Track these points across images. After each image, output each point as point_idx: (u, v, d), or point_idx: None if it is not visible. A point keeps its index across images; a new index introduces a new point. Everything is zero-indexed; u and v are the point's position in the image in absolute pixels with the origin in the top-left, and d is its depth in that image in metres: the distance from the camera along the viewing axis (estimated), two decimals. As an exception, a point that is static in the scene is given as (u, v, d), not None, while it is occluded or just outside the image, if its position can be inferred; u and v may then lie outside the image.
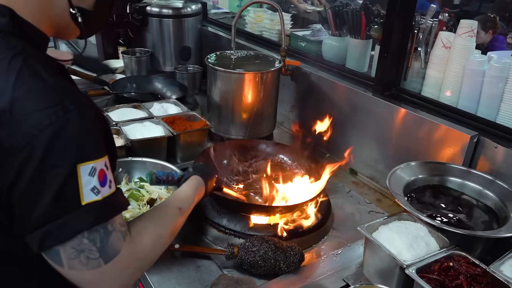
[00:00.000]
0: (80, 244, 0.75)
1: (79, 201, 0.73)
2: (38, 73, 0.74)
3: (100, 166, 0.76)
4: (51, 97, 0.73)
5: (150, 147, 1.72)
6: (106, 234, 0.77)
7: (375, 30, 2.04)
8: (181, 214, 1.03)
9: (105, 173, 0.78)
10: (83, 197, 0.74)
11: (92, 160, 0.75)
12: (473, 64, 1.59)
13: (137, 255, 0.85)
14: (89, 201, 0.74)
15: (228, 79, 1.95)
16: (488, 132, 1.49)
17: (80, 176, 0.73)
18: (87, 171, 0.74)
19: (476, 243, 1.22)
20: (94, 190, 0.75)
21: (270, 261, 1.26)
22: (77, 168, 0.73)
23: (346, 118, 1.93)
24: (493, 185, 1.38)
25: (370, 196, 1.77)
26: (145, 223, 0.91)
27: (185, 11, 2.74)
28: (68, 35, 0.96)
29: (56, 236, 0.73)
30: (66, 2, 0.88)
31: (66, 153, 0.72)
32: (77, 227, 0.74)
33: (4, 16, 0.78)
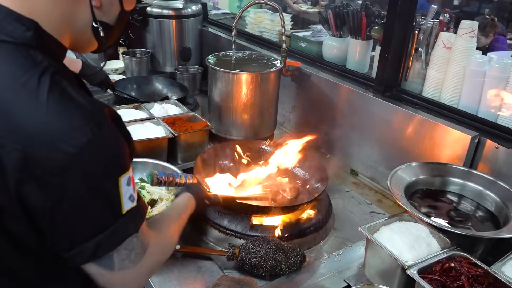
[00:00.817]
0: (130, 243, 0.80)
1: (120, 210, 0.78)
2: (66, 91, 0.74)
3: (131, 173, 0.81)
4: (84, 115, 0.73)
5: (150, 148, 1.72)
6: (143, 231, 0.84)
7: (376, 30, 2.03)
8: (182, 220, 1.10)
9: (133, 180, 0.82)
10: (124, 206, 0.78)
11: (127, 171, 0.79)
12: (473, 65, 1.59)
13: (160, 249, 0.92)
14: (129, 208, 0.79)
15: (229, 80, 1.95)
16: (489, 133, 1.49)
17: (121, 187, 0.77)
18: (125, 181, 0.78)
19: (477, 243, 1.21)
20: (131, 198, 0.80)
21: (271, 262, 1.26)
22: (119, 180, 0.76)
23: (346, 118, 1.93)
24: (494, 185, 1.38)
25: (371, 197, 1.77)
26: (159, 223, 0.98)
27: (185, 11, 2.75)
28: (85, 49, 0.95)
29: (108, 244, 0.77)
30: (90, 16, 0.86)
31: (109, 168, 0.76)
32: (126, 233, 0.79)
33: (30, 29, 0.76)
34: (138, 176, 1.59)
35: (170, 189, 1.56)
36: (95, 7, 0.86)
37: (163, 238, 0.96)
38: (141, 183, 1.56)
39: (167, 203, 1.49)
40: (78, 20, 0.86)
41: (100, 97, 2.45)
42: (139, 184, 1.56)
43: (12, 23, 0.75)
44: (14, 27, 0.75)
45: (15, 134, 0.69)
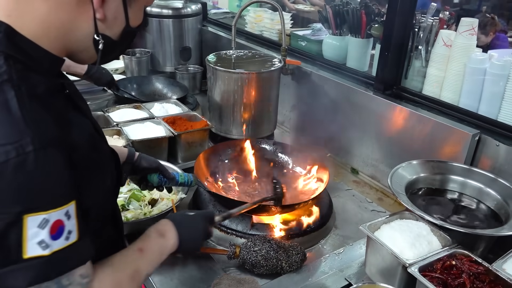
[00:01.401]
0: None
1: (20, 255, 0.65)
2: (7, 103, 0.66)
3: (55, 217, 0.67)
4: (14, 132, 0.65)
5: (151, 148, 1.72)
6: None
7: (376, 29, 2.03)
8: (142, 254, 0.92)
9: (62, 224, 0.68)
10: (26, 251, 0.65)
11: (44, 211, 0.66)
12: (474, 62, 1.58)
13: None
14: (33, 255, 0.66)
15: (229, 79, 1.94)
16: (490, 130, 1.48)
17: (26, 228, 0.64)
18: (36, 222, 0.65)
19: (478, 241, 1.21)
20: (41, 244, 0.66)
21: (272, 261, 1.26)
22: (23, 218, 0.64)
23: (347, 117, 1.93)
24: (495, 183, 1.38)
25: (372, 195, 1.77)
26: (103, 269, 0.82)
27: (185, 11, 2.74)
28: (83, 60, 0.89)
29: None
30: (92, 28, 0.81)
31: (12, 199, 0.64)
32: (10, 283, 0.65)
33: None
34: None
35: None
36: (99, 20, 0.81)
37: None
38: None
39: (167, 202, 1.49)
40: (79, 29, 0.81)
41: (101, 97, 2.46)
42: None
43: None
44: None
45: None
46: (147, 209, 1.45)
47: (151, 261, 0.94)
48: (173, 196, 1.51)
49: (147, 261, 0.93)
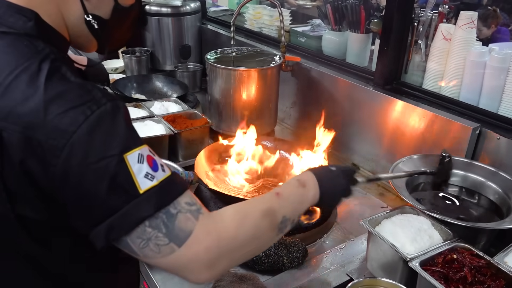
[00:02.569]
0: (144, 232, 0.72)
1: (136, 190, 0.71)
2: (65, 76, 0.74)
3: (145, 152, 0.75)
4: (82, 94, 0.73)
5: (151, 146, 1.68)
6: (171, 217, 0.73)
7: (375, 23, 2.03)
8: (278, 196, 0.90)
9: (153, 158, 0.76)
10: (139, 185, 0.71)
11: (136, 148, 0.73)
12: (474, 56, 1.58)
13: (217, 234, 0.76)
14: (147, 187, 0.72)
15: (229, 76, 1.94)
16: (490, 124, 1.48)
17: (130, 165, 0.71)
18: (135, 158, 0.72)
19: (479, 235, 1.21)
20: (148, 176, 0.73)
21: (273, 257, 1.26)
22: (124, 157, 0.71)
23: (347, 112, 1.93)
24: (496, 176, 1.37)
25: (373, 190, 1.77)
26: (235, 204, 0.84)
27: (184, 9, 2.74)
28: (86, 47, 0.94)
29: (121, 228, 0.72)
30: (81, 9, 0.87)
31: (110, 144, 0.71)
32: (139, 215, 0.72)
33: (30, 20, 0.78)
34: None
35: None
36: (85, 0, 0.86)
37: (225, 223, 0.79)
38: None
39: None
40: (71, 14, 0.86)
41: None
42: None
43: (14, 15, 0.78)
44: (16, 19, 0.77)
45: (15, 117, 0.70)
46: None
47: (289, 205, 0.91)
48: None
49: (285, 204, 0.90)
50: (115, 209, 0.71)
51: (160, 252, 0.73)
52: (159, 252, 0.73)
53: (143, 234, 0.72)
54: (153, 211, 0.72)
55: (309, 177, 0.99)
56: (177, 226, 0.74)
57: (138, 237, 0.72)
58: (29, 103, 0.70)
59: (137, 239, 0.72)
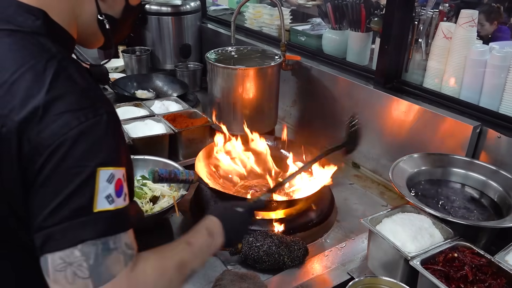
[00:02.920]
0: (71, 256, 0.68)
1: (91, 207, 0.69)
2: (71, 76, 0.75)
3: (118, 175, 0.73)
4: (83, 99, 0.73)
5: (152, 145, 1.72)
6: (105, 251, 0.70)
7: (375, 22, 2.02)
8: (190, 247, 0.91)
9: (122, 183, 0.74)
10: (96, 204, 0.70)
11: (112, 166, 0.72)
12: (474, 54, 1.57)
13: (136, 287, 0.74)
14: (101, 209, 0.70)
15: (229, 75, 1.94)
16: (491, 122, 1.48)
17: (99, 181, 0.70)
18: (106, 176, 0.71)
19: (480, 233, 1.21)
20: (108, 198, 0.71)
21: (274, 256, 1.26)
22: (97, 171, 0.70)
23: (347, 111, 1.92)
24: (497, 175, 1.37)
25: (373, 189, 1.77)
26: (149, 254, 0.80)
27: (184, 8, 2.74)
28: (92, 43, 0.96)
29: (57, 242, 0.68)
30: (95, 9, 0.88)
31: (90, 154, 0.71)
32: (79, 235, 0.68)
33: (39, 18, 0.79)
34: (140, 173, 1.59)
35: (172, 186, 1.56)
36: (100, 0, 0.88)
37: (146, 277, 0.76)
38: (142, 180, 1.56)
39: (169, 199, 1.49)
40: (84, 13, 0.88)
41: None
42: (141, 181, 1.56)
43: (23, 14, 0.79)
44: (25, 18, 0.78)
45: (15, 112, 0.70)
46: (149, 206, 1.45)
47: (198, 256, 0.92)
48: (175, 193, 1.51)
49: (195, 255, 0.91)
50: (61, 220, 0.68)
51: (72, 283, 0.68)
52: (72, 283, 0.68)
53: (68, 257, 0.68)
54: (94, 236, 0.69)
55: (216, 225, 1.01)
56: (106, 264, 0.70)
57: (61, 258, 0.68)
58: (30, 101, 0.71)
59: (59, 260, 0.68)
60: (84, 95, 0.74)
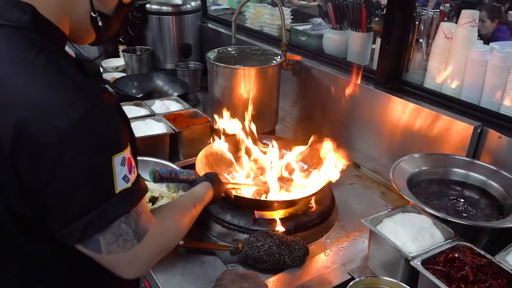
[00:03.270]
0: (118, 228, 0.79)
1: (114, 190, 0.77)
2: (62, 69, 0.76)
3: (127, 155, 0.80)
4: (78, 92, 0.75)
5: (152, 145, 1.72)
6: (138, 216, 0.83)
7: (376, 22, 2.02)
8: (195, 209, 1.09)
9: (131, 161, 0.81)
10: (117, 186, 0.78)
11: (122, 151, 0.78)
12: (475, 55, 1.57)
13: (162, 236, 0.91)
14: (122, 188, 0.79)
15: (229, 75, 1.94)
16: (492, 123, 1.48)
17: (115, 167, 0.77)
18: (119, 161, 0.77)
19: (481, 233, 1.21)
20: (125, 179, 0.79)
21: (274, 256, 1.26)
22: (112, 159, 0.76)
23: (348, 111, 1.92)
24: (498, 175, 1.37)
25: (374, 189, 1.77)
26: (166, 211, 0.99)
27: (184, 8, 2.74)
28: (83, 39, 0.97)
29: (98, 224, 0.77)
30: (88, 6, 0.89)
31: (101, 146, 0.76)
32: (117, 212, 0.78)
33: (26, 13, 0.80)
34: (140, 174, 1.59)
35: (170, 187, 1.56)
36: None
37: (167, 226, 0.94)
38: None
39: (167, 200, 1.49)
40: (77, 9, 0.88)
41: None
42: None
43: (11, 8, 0.79)
44: (12, 12, 0.79)
45: (10, 109, 0.72)
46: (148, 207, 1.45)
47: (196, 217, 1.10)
48: (173, 194, 1.51)
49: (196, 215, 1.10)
50: (95, 206, 0.76)
51: (124, 247, 0.81)
52: (123, 247, 0.81)
53: (117, 230, 0.79)
54: (129, 209, 0.80)
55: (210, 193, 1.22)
56: (141, 223, 0.84)
57: (111, 233, 0.79)
58: (24, 97, 0.72)
59: (110, 235, 0.79)
60: (78, 87, 0.76)
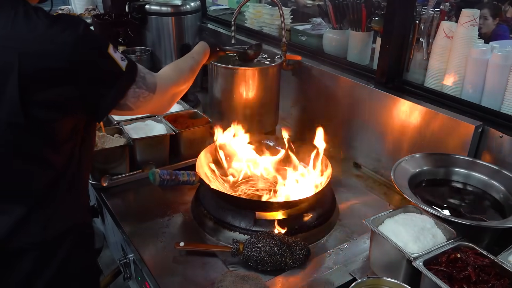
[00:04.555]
0: (135, 92, 1.13)
1: (121, 69, 1.07)
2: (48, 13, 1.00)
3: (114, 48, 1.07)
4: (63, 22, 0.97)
5: (152, 146, 1.72)
6: (143, 79, 1.16)
7: (376, 22, 2.02)
8: (194, 60, 1.52)
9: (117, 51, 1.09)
10: (121, 66, 1.07)
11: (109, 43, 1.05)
12: (476, 54, 1.57)
13: (167, 81, 1.28)
14: (125, 66, 1.08)
15: (229, 76, 1.94)
16: (493, 122, 1.47)
17: (112, 53, 1.04)
18: (112, 49, 1.05)
19: (483, 233, 1.21)
20: (122, 59, 1.08)
21: (276, 257, 1.25)
22: (108, 50, 1.04)
23: (348, 111, 1.92)
24: (499, 175, 1.37)
25: (375, 189, 1.76)
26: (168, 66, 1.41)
27: (184, 8, 2.73)
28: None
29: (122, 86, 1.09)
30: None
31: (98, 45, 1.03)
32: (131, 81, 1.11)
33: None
34: None
35: None
36: None
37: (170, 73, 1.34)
38: None
39: None
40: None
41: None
42: None
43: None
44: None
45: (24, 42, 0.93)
46: None
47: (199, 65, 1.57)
48: None
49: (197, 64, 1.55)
50: (118, 73, 1.07)
51: (145, 100, 1.17)
52: (145, 101, 1.17)
53: (134, 93, 1.13)
54: (135, 77, 1.12)
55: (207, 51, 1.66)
56: (148, 81, 1.18)
57: (132, 97, 1.13)
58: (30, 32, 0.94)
59: (132, 98, 1.13)
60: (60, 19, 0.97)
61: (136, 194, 1.66)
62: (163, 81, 1.24)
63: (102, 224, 1.86)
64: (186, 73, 1.41)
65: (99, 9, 4.20)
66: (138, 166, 1.70)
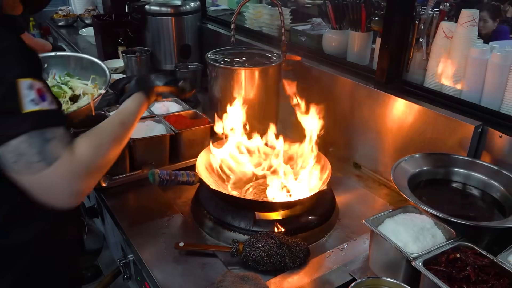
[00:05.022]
0: (18, 148, 0.86)
1: (19, 110, 0.86)
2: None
3: (38, 85, 0.89)
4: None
5: (152, 146, 1.72)
6: (46, 141, 0.88)
7: (376, 22, 2.02)
8: (123, 127, 1.16)
9: (43, 92, 0.90)
10: (24, 106, 0.86)
11: (29, 78, 0.88)
12: (475, 54, 1.57)
13: (77, 162, 0.93)
14: (29, 110, 0.87)
15: (229, 76, 1.94)
16: (493, 122, 1.47)
17: (20, 88, 0.86)
18: (26, 85, 0.87)
19: (483, 233, 1.21)
20: (33, 102, 0.87)
21: (275, 257, 1.25)
22: (17, 81, 0.86)
23: (348, 111, 1.92)
24: (499, 175, 1.37)
25: (375, 189, 1.76)
26: (84, 136, 1.01)
27: (184, 8, 2.73)
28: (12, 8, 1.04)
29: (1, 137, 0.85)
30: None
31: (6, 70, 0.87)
32: (18, 130, 0.86)
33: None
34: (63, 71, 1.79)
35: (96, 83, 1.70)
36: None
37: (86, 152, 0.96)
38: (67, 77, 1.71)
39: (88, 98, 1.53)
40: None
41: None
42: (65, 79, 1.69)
43: None
44: None
45: None
46: (67, 105, 1.49)
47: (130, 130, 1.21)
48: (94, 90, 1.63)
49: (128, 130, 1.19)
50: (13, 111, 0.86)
51: (30, 168, 0.87)
52: (30, 168, 0.87)
53: (16, 149, 0.86)
54: (30, 128, 0.87)
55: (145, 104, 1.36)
56: (50, 149, 0.88)
57: (11, 152, 0.86)
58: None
59: (10, 154, 0.86)
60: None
61: (136, 194, 1.66)
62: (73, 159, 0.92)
63: (102, 224, 1.87)
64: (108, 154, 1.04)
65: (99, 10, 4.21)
66: (138, 167, 1.70)
